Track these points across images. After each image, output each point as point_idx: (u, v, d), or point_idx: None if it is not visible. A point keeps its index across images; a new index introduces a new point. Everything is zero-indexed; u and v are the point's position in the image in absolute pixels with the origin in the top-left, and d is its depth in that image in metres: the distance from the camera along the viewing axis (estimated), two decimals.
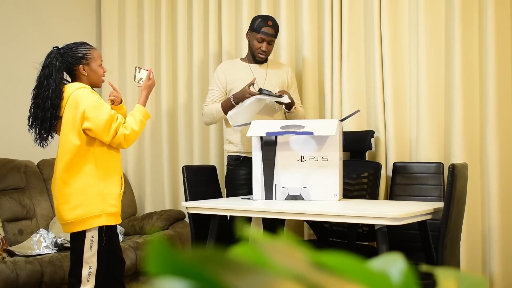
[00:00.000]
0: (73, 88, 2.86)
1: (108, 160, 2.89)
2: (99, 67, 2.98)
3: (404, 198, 3.56)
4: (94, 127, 2.80)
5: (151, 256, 0.42)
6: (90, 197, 2.82)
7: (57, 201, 2.89)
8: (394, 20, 3.79)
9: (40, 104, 2.84)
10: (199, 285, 0.41)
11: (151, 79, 3.09)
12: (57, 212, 2.91)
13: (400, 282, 0.49)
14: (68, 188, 2.83)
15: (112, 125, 2.82)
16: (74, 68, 2.93)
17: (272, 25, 3.65)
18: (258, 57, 3.68)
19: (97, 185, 2.84)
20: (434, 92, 3.67)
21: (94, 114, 2.80)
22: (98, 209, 2.83)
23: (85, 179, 2.83)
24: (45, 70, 2.87)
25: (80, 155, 2.83)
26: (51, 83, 2.83)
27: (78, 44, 2.98)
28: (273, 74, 3.73)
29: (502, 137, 3.54)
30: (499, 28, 3.54)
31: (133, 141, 2.92)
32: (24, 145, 4.42)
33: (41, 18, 4.57)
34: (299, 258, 0.46)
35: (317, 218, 3.10)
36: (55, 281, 3.51)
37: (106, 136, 2.82)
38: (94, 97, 2.84)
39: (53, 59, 2.88)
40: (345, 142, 3.33)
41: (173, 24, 4.71)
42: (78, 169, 2.83)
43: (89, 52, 2.95)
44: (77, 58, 2.92)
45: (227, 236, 3.39)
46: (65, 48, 2.94)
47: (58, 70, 2.86)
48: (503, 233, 3.52)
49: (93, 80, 2.96)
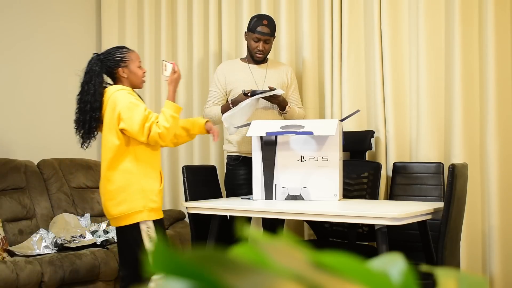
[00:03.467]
0: (112, 90, 2.98)
1: (148, 158, 3.00)
2: (138, 68, 3.09)
3: (404, 198, 3.56)
4: (128, 127, 2.90)
5: (151, 256, 0.42)
6: (132, 193, 2.94)
7: (103, 197, 3.03)
8: (394, 20, 3.79)
9: (82, 108, 2.99)
10: (199, 285, 0.41)
11: (176, 72, 3.12)
12: (104, 207, 3.05)
13: (400, 282, 0.49)
14: (112, 185, 2.96)
15: (146, 124, 2.89)
16: (114, 71, 3.05)
17: (268, 24, 3.63)
18: (256, 57, 3.68)
19: (138, 182, 2.95)
20: (434, 92, 3.67)
21: (128, 115, 2.90)
22: (140, 205, 2.95)
23: (127, 176, 2.95)
24: (86, 76, 3.01)
25: (121, 154, 2.95)
26: (91, 88, 2.96)
27: (116, 48, 3.12)
28: (272, 74, 3.73)
29: (502, 137, 3.54)
30: (499, 28, 3.54)
31: (169, 137, 2.97)
32: (24, 145, 4.42)
33: (41, 18, 4.57)
34: (299, 258, 0.46)
35: (317, 218, 3.10)
36: (55, 281, 3.51)
37: (141, 136, 2.91)
38: (130, 98, 2.94)
39: (93, 65, 3.02)
40: (345, 142, 3.33)
41: (173, 24, 4.71)
42: (120, 167, 2.95)
43: (127, 55, 3.07)
44: (116, 62, 3.04)
45: (227, 236, 3.39)
46: (104, 54, 3.08)
47: (98, 75, 2.99)
48: (503, 233, 3.52)
49: (133, 81, 3.08)
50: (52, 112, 4.60)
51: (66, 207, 4.19)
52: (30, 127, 4.47)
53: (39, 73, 4.54)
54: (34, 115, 4.50)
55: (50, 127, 4.59)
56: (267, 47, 3.67)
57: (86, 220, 4.12)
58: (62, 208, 4.18)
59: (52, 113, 4.60)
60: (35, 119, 4.50)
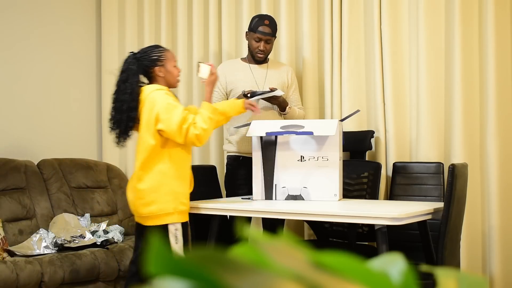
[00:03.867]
0: (149, 89, 2.98)
1: (181, 160, 3.01)
2: (174, 67, 3.10)
3: (404, 198, 3.56)
4: (166, 128, 2.90)
5: (151, 256, 0.42)
6: (163, 195, 2.96)
7: (132, 194, 3.04)
8: (394, 20, 3.79)
9: (118, 107, 2.99)
10: (199, 285, 0.41)
11: (214, 74, 3.12)
12: (132, 205, 3.06)
13: (400, 282, 0.49)
14: (143, 184, 2.97)
15: (183, 126, 2.89)
16: (151, 70, 3.05)
17: (269, 24, 3.63)
18: (257, 57, 3.68)
19: (170, 184, 2.97)
20: (434, 92, 3.67)
21: (167, 115, 2.90)
22: (171, 207, 2.97)
23: (159, 177, 2.96)
24: (122, 75, 3.01)
25: (155, 155, 2.96)
26: (127, 87, 2.97)
27: (153, 47, 3.14)
28: (273, 75, 3.72)
29: (502, 137, 3.54)
30: (499, 28, 3.54)
31: (206, 139, 2.98)
32: (24, 145, 4.42)
33: (41, 18, 4.57)
34: (299, 258, 0.46)
35: (317, 218, 3.10)
36: (55, 281, 3.51)
37: (179, 137, 2.91)
38: (167, 99, 2.94)
39: (130, 63, 3.02)
40: (345, 142, 3.33)
41: (173, 24, 4.71)
42: (153, 167, 2.96)
43: (163, 54, 3.08)
44: (152, 61, 3.05)
45: (227, 236, 3.39)
46: (141, 52, 3.08)
47: (135, 74, 3.00)
48: (503, 233, 3.52)
49: (169, 81, 3.09)
50: (52, 112, 4.60)
51: (66, 207, 4.19)
52: (30, 127, 4.47)
53: (39, 73, 4.54)
54: (34, 115, 4.50)
55: (50, 127, 4.59)
56: (268, 47, 3.67)
57: (86, 220, 4.12)
58: (62, 208, 4.17)
59: (52, 113, 4.60)
60: (35, 119, 4.50)
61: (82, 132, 4.80)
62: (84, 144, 4.80)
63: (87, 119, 4.84)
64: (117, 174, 4.62)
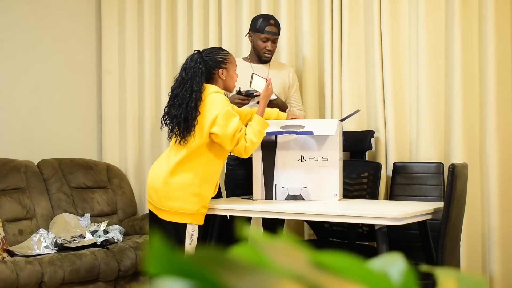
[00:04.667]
0: (211, 90, 3.00)
1: (214, 166, 3.05)
2: (234, 72, 3.14)
3: (404, 198, 3.56)
4: (221, 133, 2.92)
5: (151, 256, 0.42)
6: (190, 194, 2.98)
7: (158, 185, 3.02)
8: (394, 20, 3.79)
9: (181, 104, 2.96)
10: (199, 285, 0.41)
11: (269, 88, 3.15)
12: (155, 194, 3.03)
13: (400, 282, 0.49)
14: (173, 179, 2.99)
15: (236, 135, 2.93)
16: (213, 71, 3.07)
17: (274, 24, 3.67)
18: (264, 57, 3.68)
19: (198, 186, 3.00)
20: (434, 92, 3.67)
21: (225, 121, 2.92)
22: (194, 208, 3.00)
23: (191, 177, 2.99)
24: (188, 72, 2.99)
25: (196, 155, 2.99)
26: (194, 85, 2.96)
27: (218, 49, 3.19)
28: (274, 75, 3.72)
29: (502, 137, 3.54)
30: (499, 28, 3.54)
31: (252, 151, 3.03)
32: (24, 145, 4.42)
33: (41, 18, 4.57)
34: (299, 258, 0.46)
35: (317, 218, 3.10)
36: (55, 281, 3.51)
37: (229, 145, 2.94)
38: (228, 105, 2.98)
39: (196, 61, 3.00)
40: (345, 142, 3.33)
41: (173, 24, 4.71)
42: (189, 165, 2.99)
43: (228, 57, 3.11)
44: (217, 62, 3.07)
45: (227, 236, 3.39)
46: (206, 52, 3.09)
47: (202, 73, 2.99)
48: (503, 233, 3.52)
49: (228, 85, 3.12)
50: (52, 112, 4.60)
51: (66, 207, 4.19)
52: (30, 127, 4.47)
53: (39, 73, 4.54)
54: (34, 115, 4.49)
55: (50, 127, 4.59)
56: (275, 47, 3.71)
57: (86, 220, 4.12)
58: (62, 208, 4.18)
59: (52, 113, 4.60)
60: (35, 119, 4.50)
61: (82, 132, 4.80)
62: (84, 144, 4.80)
63: (87, 119, 4.84)
64: (117, 174, 4.62)
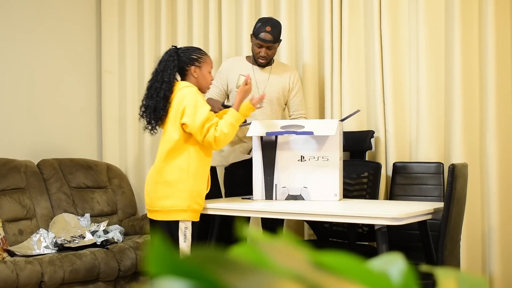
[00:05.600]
0: (182, 85, 3.06)
1: (201, 159, 3.04)
2: (208, 73, 3.16)
3: (404, 198, 3.56)
4: (190, 123, 2.96)
5: (151, 256, 0.42)
6: (179, 191, 2.99)
7: (148, 187, 3.08)
8: (394, 20, 3.79)
9: (153, 95, 3.05)
10: (199, 285, 0.41)
11: (248, 84, 3.15)
12: (147, 196, 3.09)
13: (400, 282, 0.49)
14: (161, 178, 3.02)
15: (206, 124, 2.95)
16: (187, 68, 3.12)
17: (271, 31, 3.52)
18: (258, 62, 3.65)
19: (187, 181, 3.00)
20: (434, 92, 3.67)
21: (193, 111, 2.96)
22: (185, 204, 3.00)
23: (178, 173, 3.00)
24: (161, 65, 3.09)
25: (177, 149, 3.01)
26: (165, 76, 3.04)
27: (195, 48, 3.24)
28: (275, 79, 3.68)
29: (502, 137, 3.54)
30: (499, 28, 3.54)
31: (223, 143, 3.02)
32: (24, 145, 4.42)
33: (41, 18, 4.57)
34: (299, 258, 0.46)
35: (317, 218, 3.10)
36: (55, 281, 3.51)
37: (199, 135, 2.97)
38: (197, 96, 3.01)
39: (170, 55, 3.09)
40: (345, 142, 3.33)
41: (173, 24, 4.71)
42: (173, 162, 3.01)
43: (203, 57, 3.16)
44: (191, 59, 3.12)
45: (227, 236, 3.39)
46: (183, 49, 3.16)
47: (174, 67, 3.07)
48: (503, 233, 3.52)
49: (201, 84, 3.14)
50: (52, 112, 4.60)
51: (66, 207, 4.19)
52: (30, 127, 4.47)
53: (39, 73, 4.54)
54: (34, 115, 4.49)
55: (50, 127, 4.59)
56: (270, 53, 3.59)
57: (86, 220, 4.12)
58: (62, 208, 4.17)
59: (52, 113, 4.60)
60: (35, 119, 4.50)
61: (82, 132, 4.80)
62: (84, 144, 4.80)
63: (87, 119, 4.84)
64: (117, 174, 4.62)
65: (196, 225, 3.07)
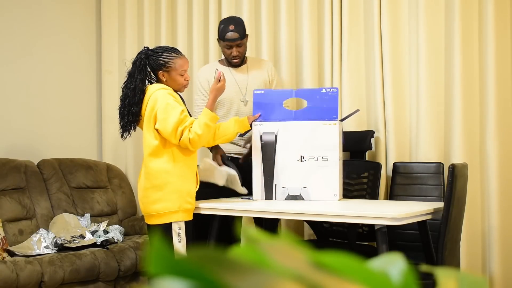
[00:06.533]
0: (153, 89, 2.99)
1: (185, 159, 3.01)
2: (179, 76, 3.05)
3: (404, 198, 3.56)
4: (162, 129, 2.92)
5: (151, 256, 0.42)
6: (168, 193, 2.97)
7: (140, 193, 3.07)
8: (394, 20, 3.79)
9: (122, 100, 3.04)
10: (199, 285, 0.41)
11: (220, 82, 3.10)
12: (140, 203, 3.09)
13: (400, 282, 0.49)
14: (148, 183, 3.00)
15: (179, 128, 2.91)
16: (155, 72, 3.06)
17: (235, 28, 3.46)
18: (233, 63, 3.57)
19: (175, 183, 2.98)
20: (434, 92, 3.67)
21: (163, 116, 2.91)
22: (175, 206, 2.98)
23: (163, 176, 2.97)
24: (132, 67, 3.05)
25: (159, 153, 2.97)
26: (132, 82, 3.00)
27: (165, 50, 3.09)
28: (254, 76, 3.62)
29: (502, 137, 3.54)
30: (499, 28, 3.54)
31: (199, 144, 2.97)
32: (24, 145, 4.42)
33: (41, 18, 4.57)
34: (299, 258, 0.46)
35: (317, 218, 3.10)
36: (55, 281, 3.51)
37: (173, 139, 2.93)
38: (168, 99, 2.94)
39: (139, 59, 3.04)
40: (345, 142, 3.33)
41: (173, 24, 4.71)
42: (157, 166, 2.98)
43: (172, 60, 3.03)
44: (158, 64, 3.04)
45: (227, 236, 3.39)
46: (153, 51, 3.08)
47: (140, 70, 3.01)
48: (503, 233, 3.52)
49: (172, 87, 3.06)
50: (52, 112, 4.60)
51: (66, 207, 4.19)
52: (30, 127, 4.47)
53: (39, 73, 4.54)
54: (34, 115, 4.50)
55: (50, 127, 4.59)
56: (241, 50, 3.53)
57: (86, 220, 4.12)
58: (62, 208, 4.18)
59: (52, 113, 4.60)
60: (35, 119, 4.50)
61: (82, 132, 4.80)
62: (84, 144, 4.80)
63: (87, 119, 4.84)
64: (117, 174, 4.62)
65: (190, 224, 3.06)
